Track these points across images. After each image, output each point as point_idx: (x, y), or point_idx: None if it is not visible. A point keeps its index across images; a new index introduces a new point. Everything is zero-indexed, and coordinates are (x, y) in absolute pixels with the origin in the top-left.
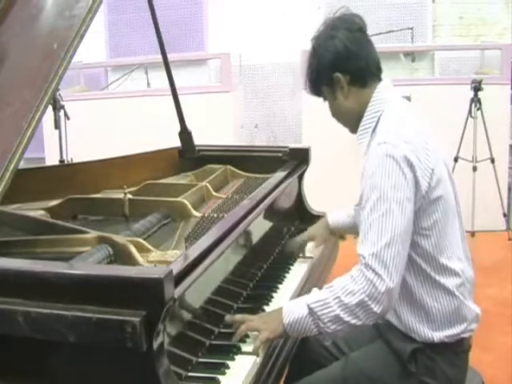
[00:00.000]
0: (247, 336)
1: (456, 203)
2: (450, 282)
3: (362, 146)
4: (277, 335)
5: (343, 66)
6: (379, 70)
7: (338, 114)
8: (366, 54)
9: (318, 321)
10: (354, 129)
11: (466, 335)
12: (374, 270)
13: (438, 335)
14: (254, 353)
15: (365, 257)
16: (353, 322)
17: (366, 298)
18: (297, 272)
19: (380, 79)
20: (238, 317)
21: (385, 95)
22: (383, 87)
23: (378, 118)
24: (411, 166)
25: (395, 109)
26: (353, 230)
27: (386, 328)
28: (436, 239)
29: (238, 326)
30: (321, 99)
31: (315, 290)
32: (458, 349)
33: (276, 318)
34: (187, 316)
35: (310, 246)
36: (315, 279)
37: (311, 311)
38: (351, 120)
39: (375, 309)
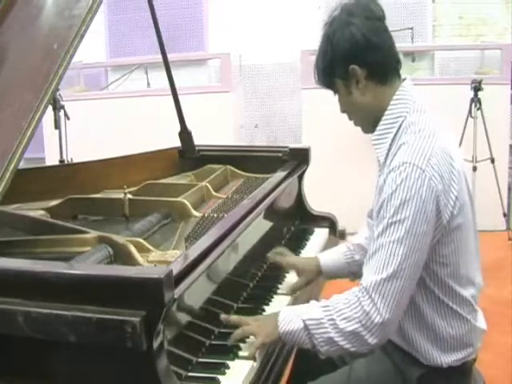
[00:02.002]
0: (247, 336)
1: (473, 217)
2: (461, 309)
3: (378, 152)
4: (272, 340)
5: (361, 58)
6: (399, 64)
7: (352, 110)
8: (386, 45)
9: (313, 338)
10: (368, 128)
11: (473, 356)
12: (372, 301)
13: (446, 359)
14: (250, 358)
15: (366, 281)
16: (346, 346)
17: (361, 329)
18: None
19: (400, 76)
20: (234, 318)
21: (408, 98)
22: (407, 88)
23: (400, 125)
24: (436, 196)
25: (421, 118)
26: (346, 273)
27: (392, 348)
28: (453, 268)
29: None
30: (320, 99)
31: (313, 302)
32: (465, 371)
33: (272, 323)
34: (187, 316)
35: (290, 279)
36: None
37: (306, 327)
38: (367, 119)
39: (369, 340)
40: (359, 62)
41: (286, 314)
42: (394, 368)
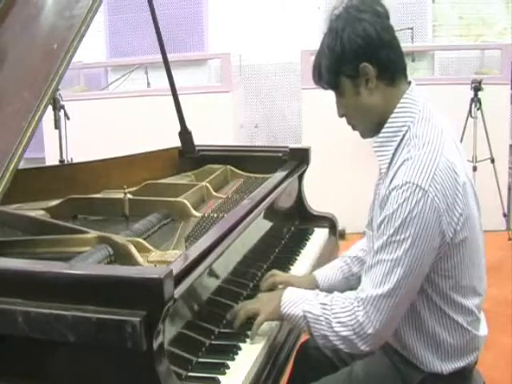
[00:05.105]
0: (247, 336)
1: (480, 227)
2: (463, 318)
3: (381, 160)
4: (273, 318)
5: (374, 56)
6: (406, 66)
7: (356, 113)
8: (396, 44)
9: (310, 329)
10: (368, 133)
11: (474, 360)
12: (366, 312)
13: (446, 367)
14: (252, 338)
15: (364, 291)
16: (340, 346)
17: (353, 336)
18: (297, 272)
19: (406, 77)
20: (239, 307)
21: (413, 106)
22: (412, 94)
23: (403, 135)
24: (438, 217)
25: (425, 129)
26: (344, 288)
27: (392, 351)
28: (456, 280)
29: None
30: (320, 99)
31: (316, 292)
32: (466, 375)
33: (275, 302)
34: (187, 316)
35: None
36: None
37: (305, 318)
38: (370, 122)
39: (362, 347)
40: (371, 59)
41: (289, 295)
42: (394, 369)
